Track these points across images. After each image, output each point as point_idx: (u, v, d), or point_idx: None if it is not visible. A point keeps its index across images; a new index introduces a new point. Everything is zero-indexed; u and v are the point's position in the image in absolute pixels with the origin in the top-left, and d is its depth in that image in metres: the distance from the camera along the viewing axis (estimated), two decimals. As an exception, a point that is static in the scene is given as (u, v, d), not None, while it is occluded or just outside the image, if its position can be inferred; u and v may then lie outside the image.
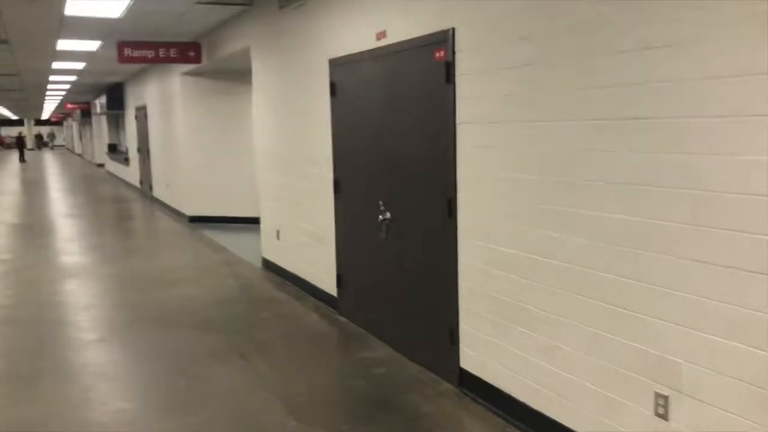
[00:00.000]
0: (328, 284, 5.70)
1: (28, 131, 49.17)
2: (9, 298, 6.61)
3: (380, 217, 4.65)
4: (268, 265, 7.23)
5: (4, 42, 9.17)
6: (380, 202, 4.66)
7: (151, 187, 14.59)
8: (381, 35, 4.48)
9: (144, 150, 15.10)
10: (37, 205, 14.78)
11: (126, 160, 18.46)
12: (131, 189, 17.23)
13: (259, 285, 6.82)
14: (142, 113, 15.00)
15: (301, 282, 6.33)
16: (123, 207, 14.23)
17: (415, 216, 4.31)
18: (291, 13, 5.99)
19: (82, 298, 6.51)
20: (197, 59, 9.01)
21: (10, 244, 9.58)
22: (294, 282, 6.52)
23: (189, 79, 10.65)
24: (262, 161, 7.21)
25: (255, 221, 10.42)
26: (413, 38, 4.09)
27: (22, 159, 33.48)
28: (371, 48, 4.63)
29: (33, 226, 11.33)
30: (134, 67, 13.80)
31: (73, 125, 42.66)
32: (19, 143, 34.89)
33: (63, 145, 55.10)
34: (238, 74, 10.26)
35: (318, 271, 5.92)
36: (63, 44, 9.66)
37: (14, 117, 46.23)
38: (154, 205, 13.75)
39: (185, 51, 8.94)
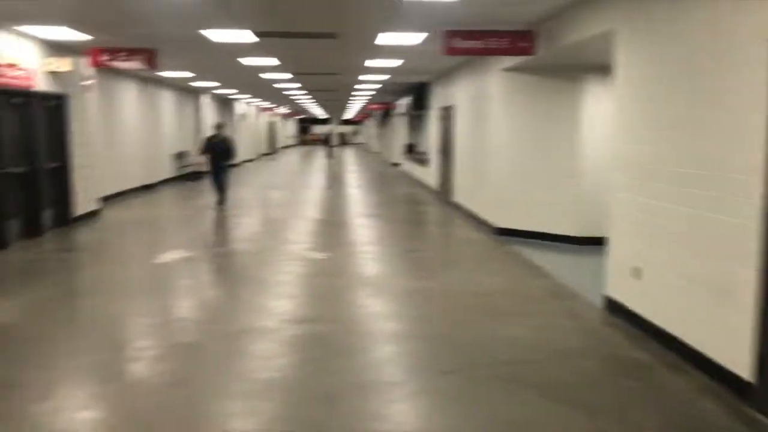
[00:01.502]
0: (736, 361, 3.95)
1: (335, 129, 53.80)
2: (301, 307, 6.06)
3: None
4: (615, 308, 5.64)
5: (331, 36, 8.94)
6: None
7: (450, 191, 13.91)
8: None
9: (446, 152, 14.50)
10: (338, 201, 15.07)
11: (423, 161, 18.26)
12: (427, 191, 16.90)
13: (607, 335, 5.29)
14: (447, 114, 14.41)
15: (676, 344, 4.63)
16: (420, 210, 13.77)
17: None
18: (697, -25, 4.34)
19: (385, 321, 5.64)
20: (529, 50, 7.76)
21: (313, 242, 9.43)
22: (660, 340, 4.86)
23: (510, 75, 9.50)
24: (622, 175, 5.63)
25: (577, 241, 9.02)
26: None
27: (329, 155, 36.33)
28: None
29: (334, 224, 11.26)
30: (444, 65, 13.19)
31: (371, 125, 45.45)
32: (327, 141, 37.91)
33: (362, 143, 59.45)
34: (573, 69, 8.81)
35: (715, 337, 4.20)
36: (385, 38, 9.17)
37: (324, 116, 50.92)
38: (453, 211, 13.00)
39: (517, 40, 7.75)
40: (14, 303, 6.01)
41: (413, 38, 8.96)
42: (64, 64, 9.76)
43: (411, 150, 22.83)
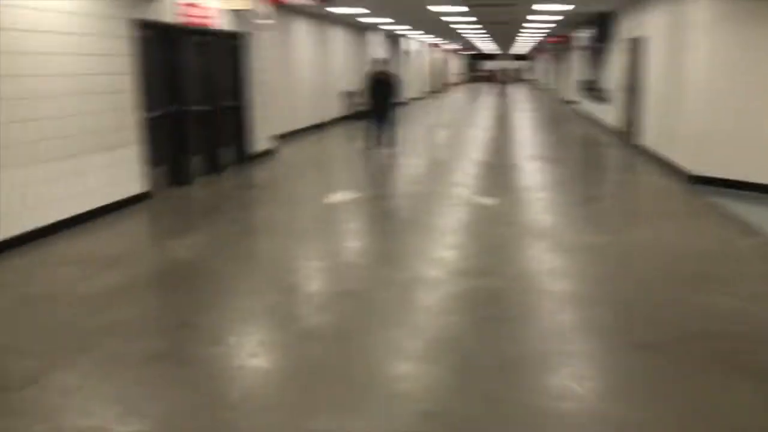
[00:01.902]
0: None
1: (506, 66, 51.79)
2: (471, 258, 5.63)
3: None
4: None
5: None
6: None
7: (635, 132, 12.62)
8: None
9: (632, 88, 13.12)
10: (508, 142, 14.33)
11: (603, 99, 16.81)
12: (607, 131, 15.57)
13: None
14: (635, 46, 12.95)
15: None
16: (599, 153, 12.70)
17: None
18: None
19: (563, 280, 5.07)
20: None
21: (481, 186, 8.92)
22: None
23: (721, 1, 8.13)
24: None
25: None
26: None
27: (499, 93, 35.06)
28: None
29: (504, 167, 10.63)
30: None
31: (545, 60, 43.12)
32: (497, 78, 36.56)
33: (535, 80, 56.90)
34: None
35: None
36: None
37: (495, 52, 49.12)
38: (638, 155, 11.80)
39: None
40: (195, 240, 6.23)
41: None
42: (243, 2, 9.89)
43: (589, 87, 21.19)
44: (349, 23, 19.20)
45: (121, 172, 7.25)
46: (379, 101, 11.91)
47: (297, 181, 9.62)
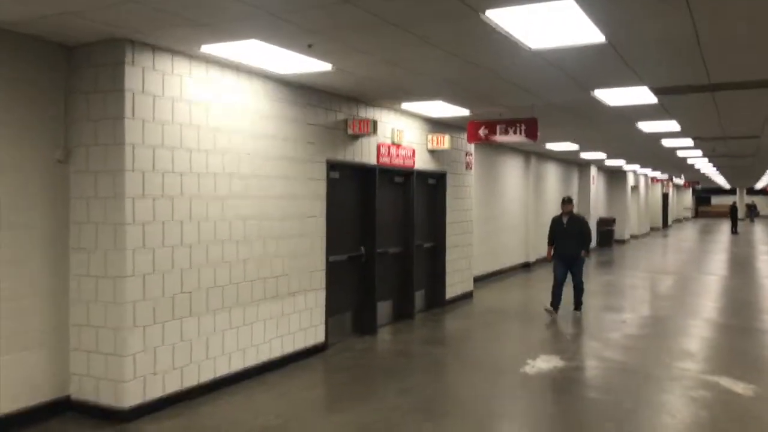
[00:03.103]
0: None
1: (740, 200, 46.72)
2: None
3: None
4: None
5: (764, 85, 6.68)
6: None
7: None
8: None
9: None
10: (748, 295, 11.79)
11: None
12: None
13: None
14: None
15: None
16: None
17: None
18: None
19: None
20: None
21: (721, 360, 6.91)
22: None
23: None
24: None
25: None
26: None
27: (734, 231, 31.14)
28: None
29: (747, 331, 8.42)
30: None
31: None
32: (732, 213, 32.69)
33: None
34: None
35: None
36: None
37: (727, 186, 44.66)
38: None
39: None
40: (353, 415, 5.30)
41: None
42: (443, 142, 9.44)
43: None
44: (563, 158, 18.23)
45: (305, 318, 6.74)
46: (564, 250, 9.48)
47: (490, 337, 8.30)
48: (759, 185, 41.55)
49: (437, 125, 9.64)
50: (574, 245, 9.38)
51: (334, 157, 7.23)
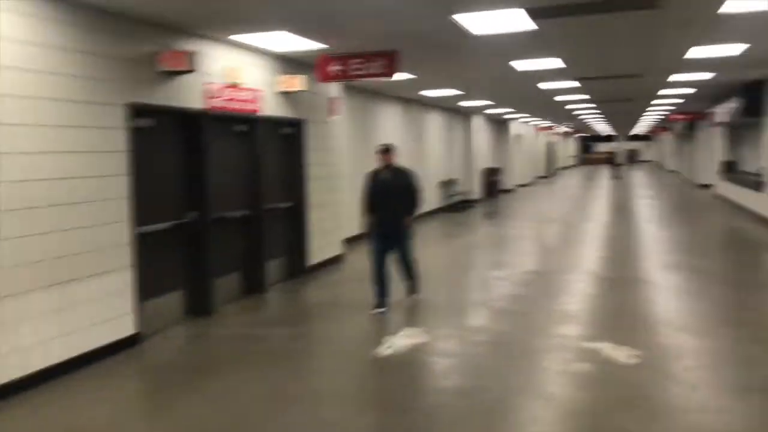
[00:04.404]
0: None
1: (621, 147, 48.32)
2: None
3: None
4: None
5: (653, 6, 5.73)
6: None
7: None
8: None
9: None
10: (629, 243, 11.38)
11: (756, 185, 13.58)
12: (765, 225, 12.31)
13: None
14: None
15: None
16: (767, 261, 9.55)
17: None
18: None
19: None
20: None
21: (602, 322, 6.14)
22: None
23: None
24: None
25: None
26: None
27: (615, 176, 31.82)
28: None
29: (630, 284, 7.79)
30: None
31: (667, 139, 39.43)
32: (613, 160, 33.39)
33: (653, 161, 52.74)
34: None
35: None
36: (731, 6, 5.81)
37: (608, 133, 45.94)
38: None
39: None
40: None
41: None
42: (295, 83, 8.06)
43: (731, 169, 17.87)
44: (446, 107, 17.29)
45: (104, 308, 5.27)
46: (385, 217, 6.75)
47: (349, 311, 6.97)
48: (637, 131, 42.97)
49: (290, 64, 8.21)
50: (400, 210, 6.73)
51: (141, 100, 5.70)
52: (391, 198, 6.70)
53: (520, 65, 9.27)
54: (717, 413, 4.07)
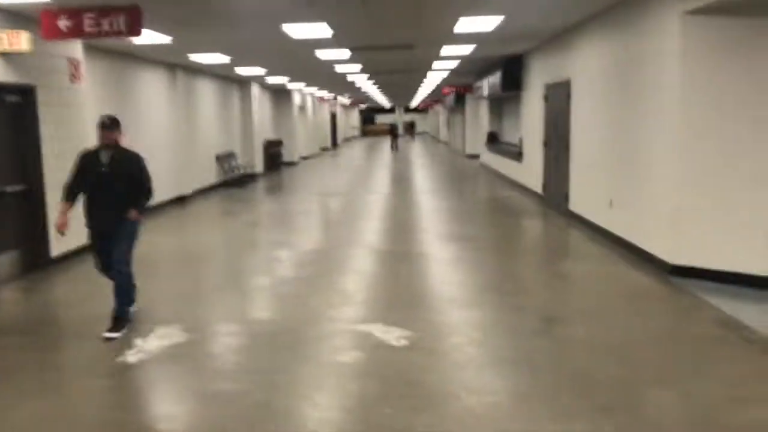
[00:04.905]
0: None
1: (400, 119, 50.40)
2: None
3: None
4: None
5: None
6: None
7: (566, 198, 10.27)
8: None
9: (557, 143, 10.86)
10: (408, 215, 11.62)
11: (514, 155, 14.62)
12: (524, 193, 13.27)
13: None
14: (558, 92, 10.75)
15: None
16: (526, 227, 10.17)
17: None
18: None
19: None
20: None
21: (377, 302, 5.98)
22: None
23: (702, 21, 5.84)
24: None
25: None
26: None
27: (394, 147, 32.93)
28: None
29: (407, 258, 7.79)
30: (549, 29, 9.64)
31: (440, 112, 41.80)
32: (392, 132, 34.51)
33: (427, 132, 55.79)
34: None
35: None
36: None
37: (388, 105, 47.55)
38: (575, 228, 9.37)
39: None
40: None
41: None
42: (19, 41, 6.70)
43: (494, 140, 19.18)
44: (219, 74, 16.23)
45: None
46: (102, 208, 5.35)
47: (98, 310, 5.67)
48: (414, 104, 45.02)
49: (14, 18, 6.81)
50: (121, 201, 5.27)
51: None
52: (109, 187, 5.23)
53: (293, 31, 8.73)
54: (486, 395, 3.96)
